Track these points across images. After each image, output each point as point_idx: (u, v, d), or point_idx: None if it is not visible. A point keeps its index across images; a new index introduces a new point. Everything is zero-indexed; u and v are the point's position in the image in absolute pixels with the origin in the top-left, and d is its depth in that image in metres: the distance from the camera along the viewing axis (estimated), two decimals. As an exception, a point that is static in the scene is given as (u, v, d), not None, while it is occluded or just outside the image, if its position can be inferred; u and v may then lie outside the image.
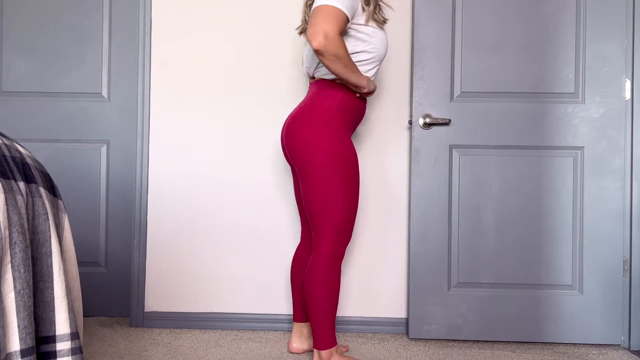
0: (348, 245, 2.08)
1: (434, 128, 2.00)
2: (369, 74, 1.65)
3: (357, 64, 1.60)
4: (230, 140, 2.13)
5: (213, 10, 2.13)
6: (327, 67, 1.50)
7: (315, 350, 1.61)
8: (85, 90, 2.24)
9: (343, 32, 1.55)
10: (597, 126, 1.97)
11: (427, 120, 1.98)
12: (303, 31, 1.78)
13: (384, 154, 2.13)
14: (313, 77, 1.70)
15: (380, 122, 2.12)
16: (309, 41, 1.48)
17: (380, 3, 1.65)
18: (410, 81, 2.08)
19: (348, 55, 1.51)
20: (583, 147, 1.98)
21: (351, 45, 1.59)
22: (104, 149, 2.25)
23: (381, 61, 1.68)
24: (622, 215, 1.97)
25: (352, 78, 1.55)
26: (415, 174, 2.01)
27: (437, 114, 1.99)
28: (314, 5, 1.49)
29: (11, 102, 2.24)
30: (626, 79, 1.98)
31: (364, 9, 1.57)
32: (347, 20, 1.50)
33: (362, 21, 1.58)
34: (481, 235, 2.00)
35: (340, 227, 1.58)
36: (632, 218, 1.97)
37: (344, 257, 1.65)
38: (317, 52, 1.45)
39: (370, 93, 1.66)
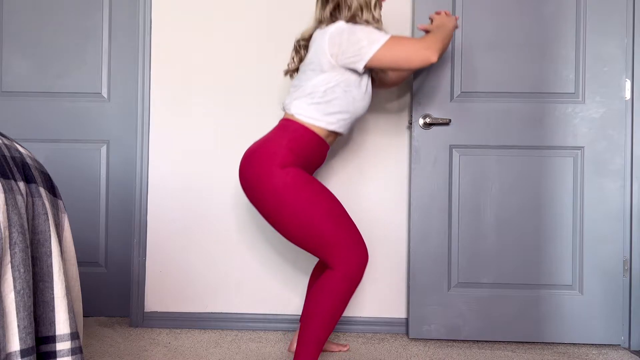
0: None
1: (434, 128, 2.00)
2: (333, 127, 1.59)
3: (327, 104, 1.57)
4: (230, 140, 2.13)
5: (213, 11, 2.13)
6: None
7: None
8: (85, 90, 2.24)
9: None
10: (597, 126, 1.97)
11: (427, 120, 1.98)
12: (290, 72, 1.75)
13: (384, 154, 2.13)
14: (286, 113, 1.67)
15: (380, 122, 2.12)
16: (416, 65, 1.54)
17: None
18: (410, 81, 2.08)
19: (439, 38, 1.56)
20: (583, 147, 1.98)
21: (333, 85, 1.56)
22: (104, 149, 2.25)
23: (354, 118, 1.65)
24: (622, 216, 1.97)
25: (449, 40, 1.61)
26: (415, 174, 2.01)
27: (437, 114, 1.99)
28: (375, 47, 1.50)
29: (11, 102, 2.24)
30: (626, 79, 1.98)
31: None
32: None
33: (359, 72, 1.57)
34: (481, 235, 2.00)
35: (338, 242, 1.48)
36: (632, 218, 1.97)
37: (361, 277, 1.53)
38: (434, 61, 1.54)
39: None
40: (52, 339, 1.02)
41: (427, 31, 1.69)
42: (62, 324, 1.03)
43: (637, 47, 1.98)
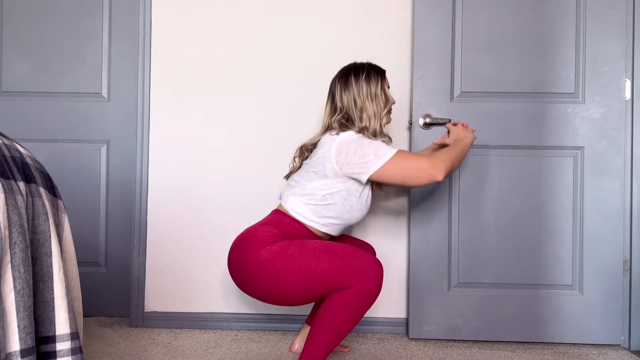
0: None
1: (434, 128, 2.00)
2: (325, 229, 1.61)
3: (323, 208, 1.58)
4: (230, 140, 2.13)
5: (213, 10, 2.13)
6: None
7: None
8: (85, 90, 2.24)
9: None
10: (597, 126, 1.97)
11: (427, 120, 1.98)
12: (292, 174, 1.72)
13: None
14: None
15: (380, 122, 2.12)
16: (419, 183, 1.54)
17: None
18: (411, 81, 2.08)
19: (449, 157, 1.55)
20: (583, 147, 1.98)
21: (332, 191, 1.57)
22: (104, 149, 2.25)
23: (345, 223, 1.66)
24: (622, 216, 1.97)
25: (462, 156, 1.63)
26: (415, 174, 2.01)
27: (437, 114, 1.99)
28: (376, 165, 1.51)
29: (11, 102, 2.24)
30: (626, 79, 1.98)
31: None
32: None
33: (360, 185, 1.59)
34: (481, 235, 2.00)
35: (347, 271, 1.43)
36: (632, 218, 1.97)
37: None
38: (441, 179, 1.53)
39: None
40: (52, 339, 1.02)
41: (443, 145, 1.71)
42: (62, 324, 1.03)
43: (637, 47, 1.98)
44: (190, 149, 2.14)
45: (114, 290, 2.24)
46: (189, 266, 2.14)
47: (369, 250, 1.83)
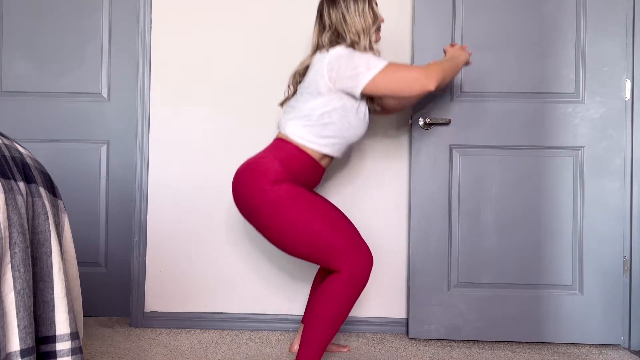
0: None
1: (434, 128, 2.00)
2: (326, 150, 1.60)
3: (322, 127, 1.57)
4: (230, 140, 2.13)
5: (213, 10, 2.13)
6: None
7: None
8: (85, 90, 2.24)
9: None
10: (597, 126, 1.97)
11: (427, 120, 1.98)
12: (287, 101, 1.72)
13: (384, 154, 2.13)
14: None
15: (381, 122, 2.12)
16: (412, 93, 1.52)
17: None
18: (410, 81, 2.07)
19: (442, 68, 1.55)
20: (583, 147, 1.98)
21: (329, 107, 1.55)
22: (104, 149, 2.25)
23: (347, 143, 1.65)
24: (622, 215, 1.97)
25: (455, 71, 1.64)
26: (415, 174, 2.01)
27: (437, 114, 1.99)
28: (370, 74, 1.49)
29: (11, 102, 2.24)
30: (626, 79, 1.98)
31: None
32: None
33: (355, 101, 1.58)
34: (481, 235, 2.00)
35: (340, 248, 1.47)
36: (632, 218, 1.97)
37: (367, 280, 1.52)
38: (433, 89, 1.52)
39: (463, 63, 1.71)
40: (52, 339, 1.02)
41: None
42: (62, 324, 1.03)
43: (637, 47, 1.98)
44: (190, 148, 2.14)
45: (114, 290, 2.24)
46: (189, 266, 2.14)
47: None
